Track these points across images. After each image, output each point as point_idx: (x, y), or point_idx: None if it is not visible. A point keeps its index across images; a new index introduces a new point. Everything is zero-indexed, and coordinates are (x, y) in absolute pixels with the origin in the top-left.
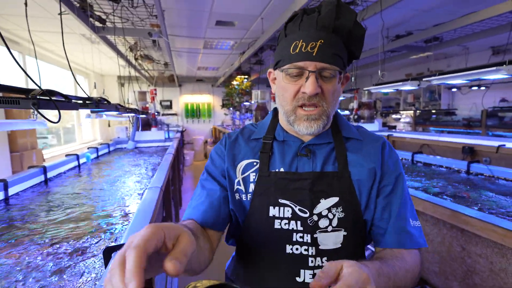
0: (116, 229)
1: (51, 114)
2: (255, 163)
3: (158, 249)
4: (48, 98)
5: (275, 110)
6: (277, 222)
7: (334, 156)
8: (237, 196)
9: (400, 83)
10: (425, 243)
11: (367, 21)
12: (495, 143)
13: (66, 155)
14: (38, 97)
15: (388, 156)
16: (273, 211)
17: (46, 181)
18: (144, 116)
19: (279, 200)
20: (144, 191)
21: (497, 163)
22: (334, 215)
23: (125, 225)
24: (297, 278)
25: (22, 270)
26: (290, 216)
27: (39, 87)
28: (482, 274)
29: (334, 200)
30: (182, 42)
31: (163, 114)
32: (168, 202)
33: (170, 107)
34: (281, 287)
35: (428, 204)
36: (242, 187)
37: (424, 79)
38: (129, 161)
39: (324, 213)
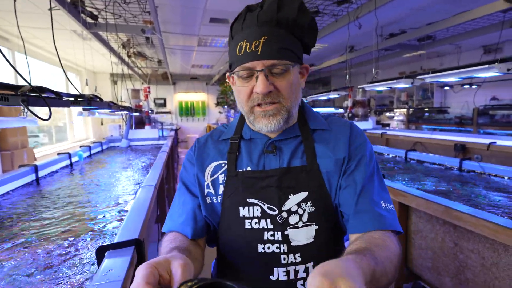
0: (109, 228)
1: (42, 112)
2: (223, 164)
3: (157, 283)
4: (38, 95)
5: None
6: (247, 222)
7: (302, 149)
8: (208, 200)
9: (394, 81)
10: (399, 228)
11: (362, 19)
12: (486, 140)
13: (58, 154)
14: (27, 93)
15: (354, 140)
16: (243, 211)
17: (37, 180)
18: (137, 114)
19: (248, 199)
20: (138, 189)
21: (488, 160)
22: (304, 210)
23: (119, 224)
24: (271, 277)
25: (12, 268)
26: (259, 215)
27: (29, 83)
28: (474, 269)
29: (303, 195)
30: (176, 39)
31: (157, 112)
32: (162, 201)
33: (164, 105)
34: (256, 286)
35: (421, 200)
36: (211, 190)
37: (418, 77)
38: (122, 159)
39: (294, 209)
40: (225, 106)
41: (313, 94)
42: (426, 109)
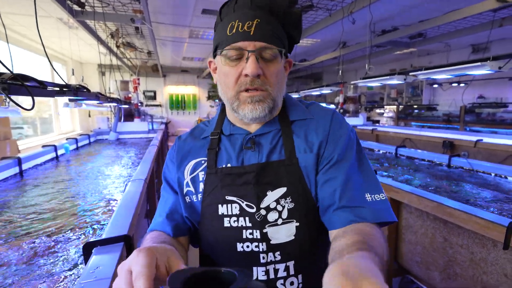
0: (97, 223)
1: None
2: (203, 161)
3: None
4: (20, 83)
5: (223, 105)
6: (226, 220)
7: (282, 143)
8: (187, 199)
9: (387, 77)
10: (391, 217)
11: (355, 14)
12: (473, 137)
13: (43, 146)
14: (8, 81)
15: (335, 128)
16: (221, 209)
17: (21, 172)
18: (126, 106)
19: (226, 197)
20: (127, 183)
21: (475, 156)
22: (283, 207)
23: (106, 219)
24: None
25: None
26: (238, 213)
27: (10, 70)
28: (462, 264)
29: (282, 190)
30: (167, 30)
31: (146, 105)
32: (152, 195)
33: (154, 97)
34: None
35: (413, 196)
36: (191, 188)
37: (411, 73)
38: (111, 152)
39: (272, 205)
40: (217, 100)
41: (306, 89)
42: (415, 106)
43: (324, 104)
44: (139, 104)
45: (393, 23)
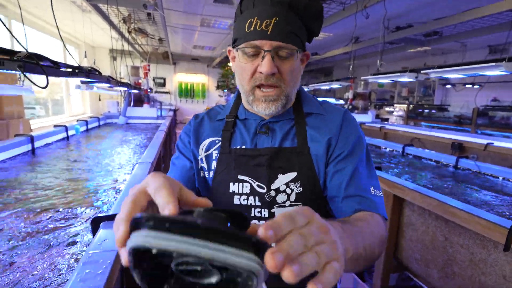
0: (104, 201)
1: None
2: (217, 141)
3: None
4: (35, 62)
5: (239, 91)
6: (236, 198)
7: (294, 132)
8: (201, 173)
9: (399, 74)
10: (384, 214)
11: (369, 9)
12: (484, 140)
13: (55, 126)
14: (24, 59)
15: (346, 127)
16: (233, 187)
17: (33, 150)
18: (136, 91)
19: (238, 176)
20: (134, 165)
21: (484, 160)
22: (292, 190)
23: (114, 197)
24: None
25: (7, 233)
26: (248, 192)
27: (26, 49)
28: (461, 264)
29: (292, 175)
30: (178, 18)
31: (156, 92)
32: None
33: (163, 85)
34: None
35: (416, 194)
36: (205, 165)
37: (423, 71)
38: (120, 136)
39: (282, 188)
40: (226, 90)
41: (315, 83)
42: (426, 106)
43: (333, 100)
44: (149, 90)
45: (408, 20)
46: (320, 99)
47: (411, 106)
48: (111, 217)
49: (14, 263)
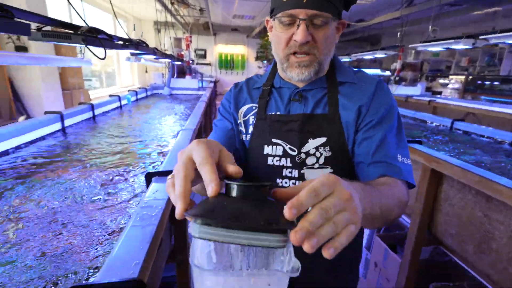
0: (154, 161)
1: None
2: (254, 108)
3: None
4: (94, 35)
5: (276, 61)
6: (270, 159)
7: (326, 100)
8: (240, 136)
9: (452, 41)
10: (412, 181)
11: None
12: None
13: (110, 96)
14: (86, 34)
15: (379, 95)
16: (267, 150)
17: (94, 117)
18: (179, 63)
19: (272, 139)
20: (179, 132)
21: None
22: (321, 154)
23: (162, 158)
24: None
25: (78, 185)
26: (281, 154)
27: (87, 24)
28: (499, 241)
29: (322, 140)
30: None
31: (197, 63)
32: None
33: (204, 56)
34: None
35: (456, 168)
36: (243, 128)
37: (481, 37)
38: (165, 105)
39: (312, 151)
40: (265, 61)
41: (358, 52)
42: (488, 77)
43: (378, 71)
44: (191, 61)
45: None
46: (391, 83)
47: (470, 77)
48: (161, 173)
49: (77, 215)
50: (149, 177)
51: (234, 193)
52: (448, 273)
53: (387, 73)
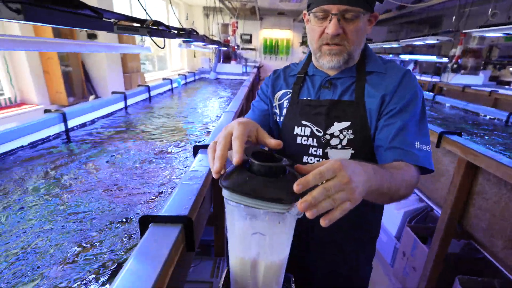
0: (199, 137)
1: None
2: (288, 93)
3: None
4: (156, 27)
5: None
6: (299, 138)
7: (354, 88)
8: (274, 117)
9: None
10: (430, 166)
11: None
12: None
13: (163, 79)
14: (150, 26)
15: (403, 85)
16: (297, 130)
17: (149, 98)
18: (225, 48)
19: (302, 121)
20: (222, 113)
21: None
22: (344, 136)
23: (207, 135)
24: None
25: (139, 153)
26: (308, 134)
27: (151, 18)
28: None
29: (346, 124)
30: None
31: (242, 48)
32: None
33: (249, 41)
34: None
35: (492, 162)
36: (277, 111)
37: None
38: (211, 89)
39: (336, 134)
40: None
41: (411, 37)
42: None
43: (434, 57)
44: (236, 47)
45: None
46: (417, 57)
47: None
48: (205, 146)
49: (145, 172)
50: (196, 149)
51: (255, 169)
52: (480, 270)
53: (444, 59)
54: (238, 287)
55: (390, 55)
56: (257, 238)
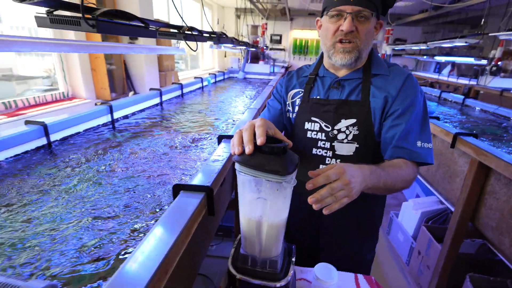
0: (224, 130)
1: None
2: (300, 92)
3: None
4: (190, 33)
5: (322, 54)
6: (309, 133)
7: (360, 89)
8: (287, 114)
9: None
10: (430, 160)
11: None
12: None
13: (195, 78)
14: (185, 32)
15: (407, 87)
16: (307, 125)
17: (182, 95)
18: (253, 49)
19: (312, 118)
20: (246, 110)
21: None
22: (350, 132)
23: (231, 128)
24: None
25: (171, 141)
26: (318, 129)
27: (187, 25)
28: None
29: (352, 121)
30: None
31: (271, 49)
32: None
33: (279, 41)
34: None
35: (502, 163)
36: (290, 108)
37: None
38: (239, 88)
39: (343, 129)
40: None
41: (447, 38)
42: None
43: (472, 59)
44: (265, 48)
45: None
46: (453, 58)
47: None
48: (227, 136)
49: (174, 158)
50: (220, 138)
51: (261, 149)
52: (495, 271)
53: (483, 61)
54: (247, 243)
55: (425, 57)
56: (261, 203)
